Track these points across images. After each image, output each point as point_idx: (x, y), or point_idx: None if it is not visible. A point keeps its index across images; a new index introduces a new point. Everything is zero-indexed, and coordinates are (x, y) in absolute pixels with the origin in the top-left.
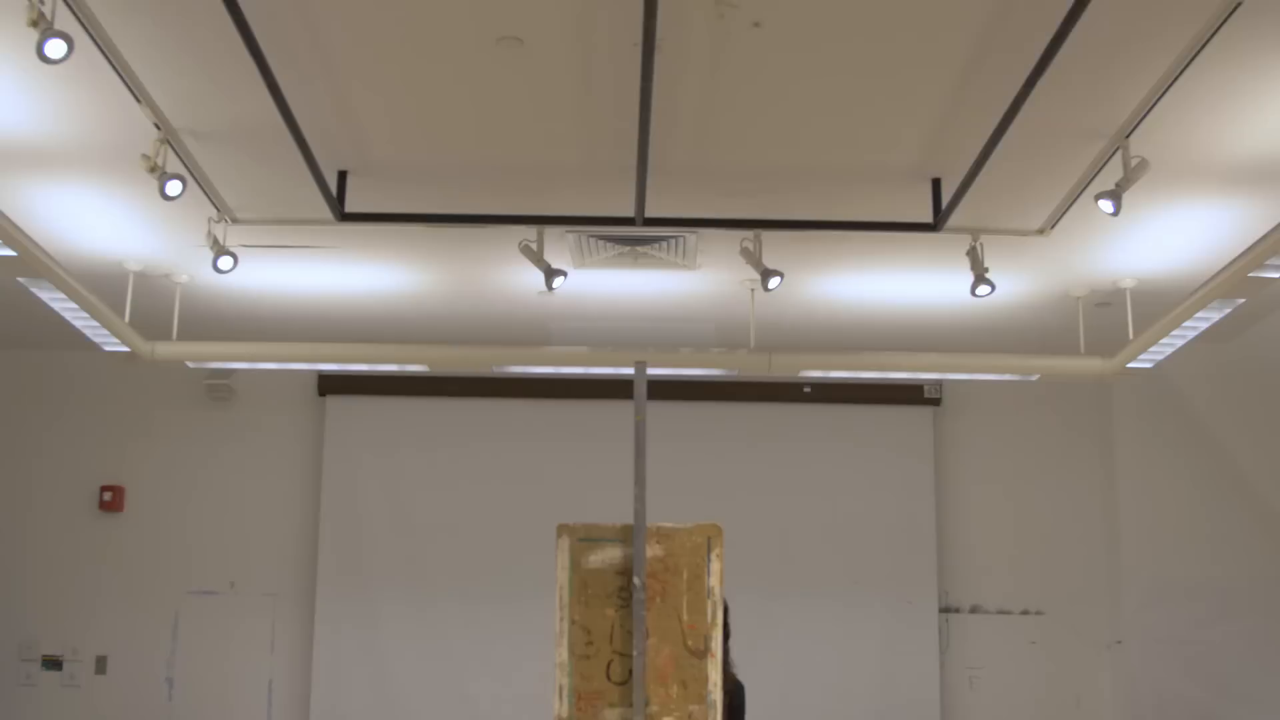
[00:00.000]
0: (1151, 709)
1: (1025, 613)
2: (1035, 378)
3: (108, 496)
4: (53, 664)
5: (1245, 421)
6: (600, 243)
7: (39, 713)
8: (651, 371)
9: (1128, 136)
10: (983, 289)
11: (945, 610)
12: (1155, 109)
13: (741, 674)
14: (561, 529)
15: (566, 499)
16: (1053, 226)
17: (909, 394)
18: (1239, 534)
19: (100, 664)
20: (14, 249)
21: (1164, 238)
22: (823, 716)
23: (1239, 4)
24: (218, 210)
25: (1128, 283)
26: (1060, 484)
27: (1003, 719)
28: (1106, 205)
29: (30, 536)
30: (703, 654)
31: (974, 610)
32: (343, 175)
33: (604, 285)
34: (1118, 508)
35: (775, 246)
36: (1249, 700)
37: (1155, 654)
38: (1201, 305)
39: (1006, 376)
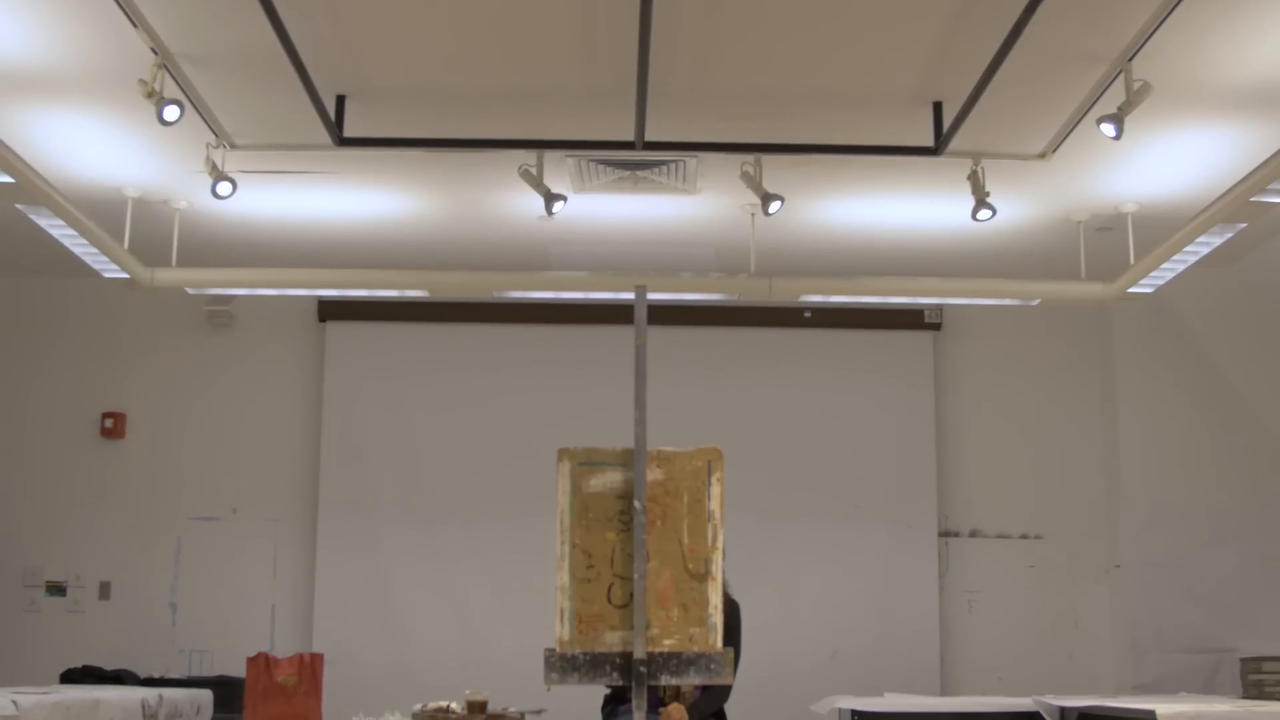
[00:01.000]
0: (1150, 632)
1: (1024, 537)
2: (1036, 302)
3: (109, 423)
4: (57, 590)
5: (1245, 346)
6: (600, 167)
7: (44, 638)
8: (652, 296)
9: (1130, 60)
10: (984, 213)
11: (945, 534)
12: (1158, 32)
13: (741, 597)
14: (562, 453)
15: (567, 423)
16: (1054, 150)
17: (909, 319)
18: (1238, 458)
19: (104, 589)
20: (12, 176)
21: (1166, 162)
22: (821, 639)
23: None
24: (216, 136)
25: (1129, 207)
26: (1060, 409)
27: (1001, 642)
28: (1108, 129)
29: (32, 464)
30: (703, 577)
31: (973, 534)
32: (341, 99)
33: (604, 210)
34: (1117, 432)
35: (776, 170)
36: (1247, 623)
37: (1153, 577)
38: (1203, 230)
39: (1007, 301)
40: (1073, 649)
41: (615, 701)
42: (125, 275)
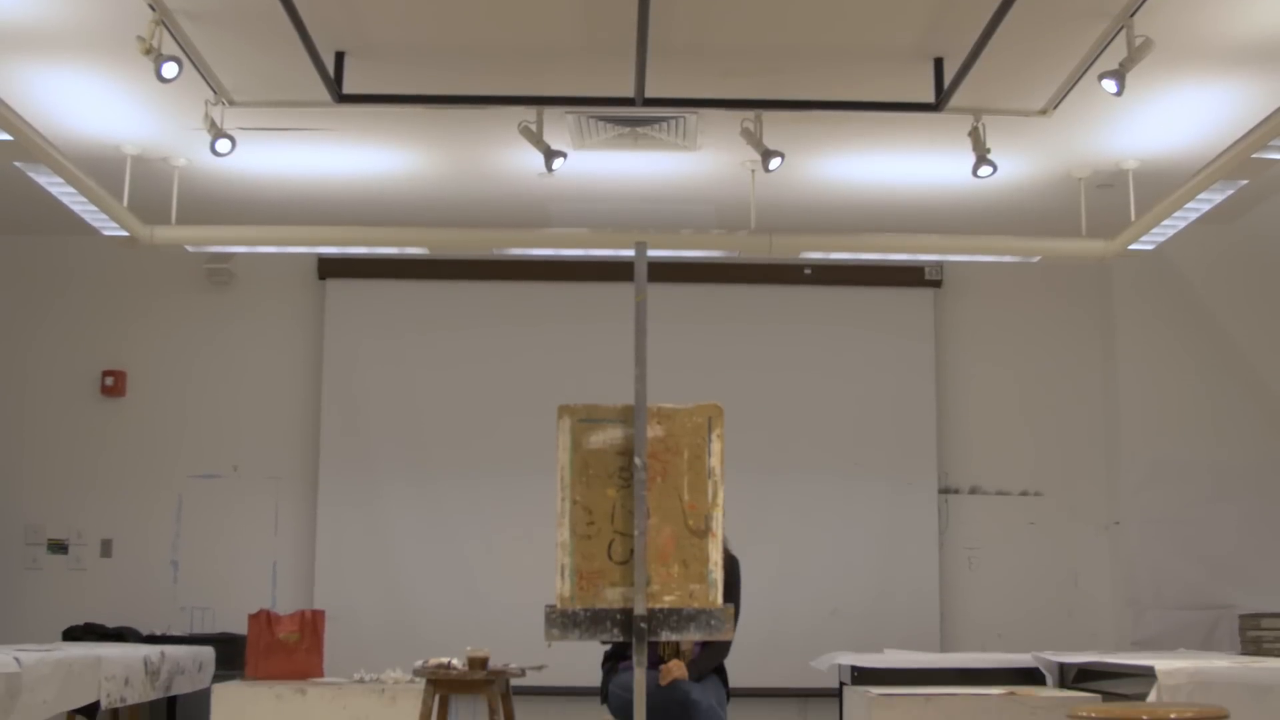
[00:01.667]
0: (1149, 589)
1: (1024, 493)
2: (1036, 259)
3: (110, 381)
4: (58, 548)
5: (1246, 303)
6: (600, 123)
7: (46, 596)
8: (652, 253)
9: (1132, 15)
10: (984, 170)
11: (944, 491)
12: None
13: (741, 554)
14: (563, 410)
15: (567, 381)
16: (1055, 107)
17: (910, 276)
18: (1237, 415)
19: (105, 547)
20: (11, 133)
21: (1167, 118)
22: (821, 596)
23: None
24: (215, 93)
25: (1130, 164)
26: (1060, 366)
27: (1001, 599)
28: (1110, 85)
29: (33, 422)
30: (703, 533)
31: (973, 491)
32: (340, 56)
33: (604, 166)
34: (1117, 389)
35: (776, 127)
36: (1246, 580)
37: (1153, 534)
38: (1204, 186)
39: (1007, 258)
40: (1072, 605)
41: (615, 658)
42: (125, 233)
